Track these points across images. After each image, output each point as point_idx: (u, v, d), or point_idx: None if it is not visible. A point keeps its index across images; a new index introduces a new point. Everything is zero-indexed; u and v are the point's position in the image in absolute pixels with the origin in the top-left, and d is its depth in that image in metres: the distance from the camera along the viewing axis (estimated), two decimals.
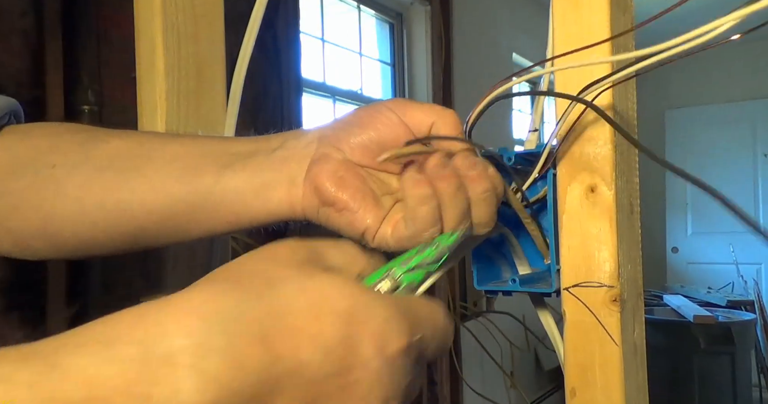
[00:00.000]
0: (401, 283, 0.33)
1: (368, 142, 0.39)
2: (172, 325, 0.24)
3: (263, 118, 1.77)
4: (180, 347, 0.23)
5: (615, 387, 0.41)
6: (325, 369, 0.26)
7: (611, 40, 0.41)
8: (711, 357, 2.89)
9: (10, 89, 1.20)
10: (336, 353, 0.26)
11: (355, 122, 0.40)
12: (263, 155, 0.40)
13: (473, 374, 2.80)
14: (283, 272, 0.28)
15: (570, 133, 0.42)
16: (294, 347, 0.26)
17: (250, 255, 0.31)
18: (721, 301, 3.41)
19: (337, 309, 0.27)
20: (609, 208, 0.42)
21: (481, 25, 3.20)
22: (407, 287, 0.34)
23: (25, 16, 1.22)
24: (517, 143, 3.53)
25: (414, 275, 0.34)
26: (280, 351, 0.25)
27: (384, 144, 0.39)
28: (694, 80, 4.94)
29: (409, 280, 0.34)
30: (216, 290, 0.26)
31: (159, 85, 0.57)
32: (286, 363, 0.25)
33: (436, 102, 2.65)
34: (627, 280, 0.43)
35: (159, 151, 0.43)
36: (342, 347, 0.27)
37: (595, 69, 0.42)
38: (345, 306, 0.27)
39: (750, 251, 4.59)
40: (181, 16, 0.58)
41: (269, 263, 0.29)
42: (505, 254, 0.53)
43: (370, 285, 0.33)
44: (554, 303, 0.48)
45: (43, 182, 0.44)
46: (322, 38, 2.28)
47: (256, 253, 0.31)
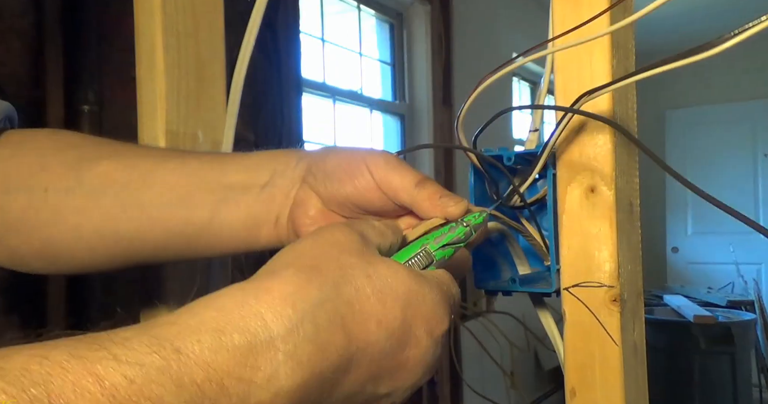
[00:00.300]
0: (435, 258, 0.37)
1: (344, 199, 0.41)
2: (270, 315, 0.27)
3: (263, 118, 1.77)
4: (278, 335, 0.26)
5: (615, 387, 0.41)
6: (387, 347, 0.31)
7: (611, 38, 0.41)
8: (711, 357, 2.89)
9: (10, 89, 1.19)
10: (396, 333, 0.31)
11: (335, 174, 0.41)
12: (254, 193, 0.43)
13: (473, 374, 2.80)
14: (349, 260, 0.32)
15: (570, 133, 0.43)
16: (365, 330, 0.30)
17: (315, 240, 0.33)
18: (721, 301, 3.41)
19: (397, 294, 0.31)
20: (609, 208, 0.42)
21: (481, 25, 3.20)
22: (438, 262, 0.37)
23: (25, 16, 1.22)
24: (517, 143, 3.54)
25: (445, 251, 0.37)
26: (355, 335, 0.29)
27: (358, 203, 0.41)
28: (694, 80, 4.94)
29: (441, 256, 0.37)
30: (301, 279, 0.29)
31: (159, 85, 0.57)
32: (359, 344, 0.29)
33: (436, 102, 2.65)
34: (627, 280, 0.43)
35: (153, 177, 0.44)
36: (401, 328, 0.31)
37: (595, 70, 0.42)
38: (403, 290, 0.32)
39: (750, 251, 4.59)
40: (181, 16, 0.58)
41: (334, 249, 0.32)
42: (505, 254, 0.53)
43: (407, 259, 0.36)
44: (554, 303, 0.48)
45: (40, 205, 0.44)
46: (322, 38, 2.28)
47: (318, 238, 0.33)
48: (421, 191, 0.39)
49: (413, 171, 0.41)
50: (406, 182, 0.40)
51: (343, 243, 0.33)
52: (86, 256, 0.46)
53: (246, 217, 0.43)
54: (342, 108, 2.39)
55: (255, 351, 0.26)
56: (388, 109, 2.65)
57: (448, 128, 2.70)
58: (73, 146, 0.47)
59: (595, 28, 0.39)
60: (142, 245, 0.44)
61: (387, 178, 0.40)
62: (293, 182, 0.43)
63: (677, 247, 5.13)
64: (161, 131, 0.57)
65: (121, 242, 0.44)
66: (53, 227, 0.44)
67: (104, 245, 0.45)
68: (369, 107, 2.55)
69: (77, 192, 0.44)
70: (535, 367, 3.53)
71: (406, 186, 0.40)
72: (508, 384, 3.01)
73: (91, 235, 0.44)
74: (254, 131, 1.73)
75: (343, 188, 0.41)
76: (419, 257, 0.36)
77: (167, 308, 0.57)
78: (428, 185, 0.40)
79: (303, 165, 0.42)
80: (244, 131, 1.68)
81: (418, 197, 0.39)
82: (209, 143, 0.60)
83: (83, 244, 0.45)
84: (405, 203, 0.40)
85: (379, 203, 0.41)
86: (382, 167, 0.40)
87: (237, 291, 0.28)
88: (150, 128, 0.57)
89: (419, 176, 0.40)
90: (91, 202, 0.44)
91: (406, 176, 0.40)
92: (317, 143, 2.24)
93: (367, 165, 0.40)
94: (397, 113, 2.68)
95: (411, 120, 2.71)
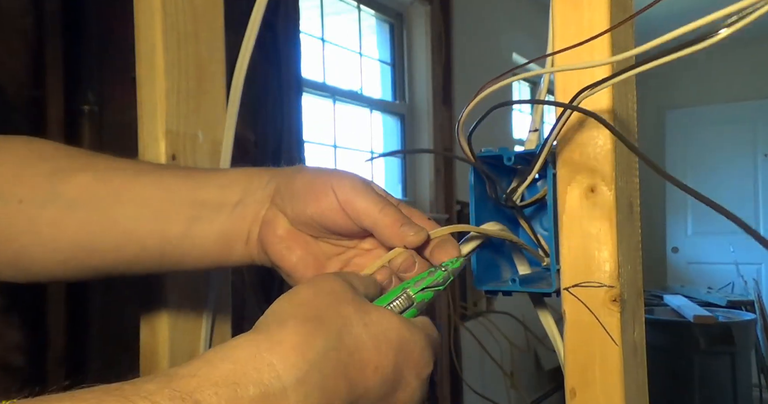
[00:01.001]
0: (415, 301, 0.39)
1: (309, 219, 0.42)
2: (281, 365, 0.29)
3: (263, 118, 1.77)
4: (289, 385, 0.29)
5: (615, 386, 0.41)
6: (382, 392, 0.33)
7: (611, 40, 0.41)
8: (711, 357, 2.89)
9: (10, 89, 1.19)
10: (389, 378, 0.33)
11: (301, 195, 0.42)
12: (226, 212, 0.44)
13: (473, 374, 2.80)
14: (347, 308, 0.34)
15: (570, 132, 0.42)
16: (364, 376, 0.32)
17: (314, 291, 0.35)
18: (721, 301, 3.41)
19: (391, 341, 0.34)
20: (609, 208, 0.42)
21: (481, 25, 3.20)
22: (418, 305, 0.39)
23: (25, 16, 1.22)
24: (517, 143, 3.53)
25: (425, 294, 0.39)
26: (356, 382, 0.32)
27: (322, 224, 0.42)
28: (694, 80, 4.94)
29: (421, 299, 0.39)
30: (308, 329, 0.31)
31: (159, 85, 0.57)
32: (359, 390, 0.32)
33: (436, 102, 2.65)
34: (627, 280, 0.43)
35: (128, 192, 0.44)
36: (393, 373, 0.34)
37: (595, 72, 0.42)
38: (395, 337, 0.34)
39: (750, 251, 4.58)
40: (181, 16, 0.58)
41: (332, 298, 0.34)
42: (505, 255, 0.53)
43: (387, 302, 0.38)
44: (554, 303, 0.48)
45: (15, 215, 0.44)
46: (322, 38, 2.28)
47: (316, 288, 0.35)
48: (383, 218, 0.40)
49: (378, 196, 0.41)
50: (369, 206, 0.41)
51: (339, 293, 0.35)
52: (59, 267, 0.46)
53: (218, 235, 0.44)
54: (342, 108, 2.39)
55: (269, 401, 0.28)
56: (388, 109, 2.65)
57: (448, 128, 2.70)
58: (48, 158, 0.47)
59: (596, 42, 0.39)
60: (115, 258, 0.45)
61: (351, 201, 0.41)
62: (263, 202, 0.44)
63: (677, 247, 5.13)
64: (161, 131, 0.57)
65: (95, 255, 0.45)
66: (27, 238, 0.44)
67: (78, 257, 0.45)
68: (369, 107, 2.55)
69: (52, 205, 0.44)
70: (535, 367, 3.53)
71: (369, 211, 0.41)
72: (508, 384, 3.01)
73: (66, 247, 0.44)
74: (254, 131, 1.73)
75: (309, 209, 0.42)
76: (400, 300, 0.38)
77: (167, 309, 0.57)
78: (391, 212, 0.41)
79: (272, 185, 0.43)
80: (244, 131, 1.68)
81: (380, 223, 0.41)
82: (209, 143, 0.60)
83: (57, 256, 0.45)
84: (367, 227, 0.41)
85: (344, 224, 0.42)
86: (348, 190, 0.41)
87: (250, 344, 0.30)
88: (150, 128, 0.57)
89: (383, 202, 0.41)
90: (66, 215, 0.44)
91: (370, 201, 0.41)
92: (317, 143, 2.24)
93: (333, 187, 0.41)
94: (397, 113, 2.68)
95: (411, 120, 2.71)
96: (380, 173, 2.67)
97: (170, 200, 0.44)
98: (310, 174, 0.43)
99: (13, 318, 1.19)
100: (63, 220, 0.44)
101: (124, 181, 0.45)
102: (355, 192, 0.41)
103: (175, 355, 0.57)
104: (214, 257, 0.45)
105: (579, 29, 0.42)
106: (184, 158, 0.58)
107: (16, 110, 1.20)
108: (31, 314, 1.21)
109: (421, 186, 2.69)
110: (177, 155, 0.57)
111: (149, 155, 0.57)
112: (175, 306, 0.57)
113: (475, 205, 0.49)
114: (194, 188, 0.44)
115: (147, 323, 0.58)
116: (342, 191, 0.41)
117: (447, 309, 2.55)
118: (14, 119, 1.20)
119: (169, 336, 0.57)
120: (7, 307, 1.17)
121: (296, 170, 0.44)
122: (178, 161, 0.57)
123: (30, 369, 1.20)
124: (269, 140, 1.79)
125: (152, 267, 0.46)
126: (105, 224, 0.44)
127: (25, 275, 0.47)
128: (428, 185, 2.66)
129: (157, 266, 0.46)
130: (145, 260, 0.45)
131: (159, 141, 0.57)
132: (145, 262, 0.45)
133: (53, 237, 0.44)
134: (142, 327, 0.58)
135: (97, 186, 0.44)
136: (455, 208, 2.74)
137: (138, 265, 0.46)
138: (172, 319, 0.57)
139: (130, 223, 0.44)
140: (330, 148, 2.32)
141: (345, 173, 0.43)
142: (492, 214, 0.50)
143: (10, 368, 1.18)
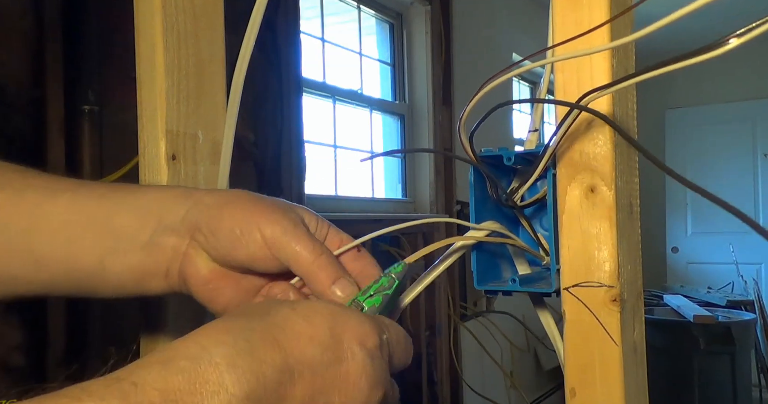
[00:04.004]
0: (364, 306, 0.40)
1: (236, 263, 0.41)
2: (207, 341, 0.30)
3: (263, 118, 1.77)
4: (217, 353, 0.30)
5: (615, 386, 0.41)
6: (324, 360, 0.33)
7: (610, 33, 0.41)
8: (711, 357, 2.89)
9: (10, 89, 1.20)
10: (330, 347, 0.33)
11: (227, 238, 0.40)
12: (141, 244, 0.42)
13: (473, 374, 2.80)
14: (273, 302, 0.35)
15: (570, 133, 0.42)
16: (298, 345, 0.32)
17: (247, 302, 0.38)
18: (721, 301, 3.41)
19: (323, 314, 0.34)
20: (609, 208, 0.42)
21: (481, 25, 3.20)
22: (370, 310, 0.40)
23: (25, 16, 1.22)
24: (517, 143, 3.53)
25: (373, 300, 0.41)
26: (289, 350, 0.32)
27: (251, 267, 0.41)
28: (694, 80, 4.94)
29: (370, 304, 0.41)
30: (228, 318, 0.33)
31: (159, 85, 0.57)
32: (297, 357, 0.32)
33: (436, 102, 2.65)
34: (627, 280, 0.43)
35: (40, 213, 0.42)
36: (332, 342, 0.33)
37: (595, 70, 0.42)
38: (328, 311, 0.34)
39: (750, 251, 4.58)
40: (181, 16, 0.58)
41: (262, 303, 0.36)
42: (505, 255, 0.53)
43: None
44: (554, 303, 0.48)
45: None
46: (322, 38, 2.28)
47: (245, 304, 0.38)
48: (316, 272, 0.40)
49: (309, 242, 0.40)
50: (301, 257, 0.40)
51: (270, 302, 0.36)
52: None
53: (133, 269, 0.42)
54: (342, 108, 2.39)
55: (200, 368, 0.29)
56: (388, 109, 2.65)
57: (448, 128, 2.70)
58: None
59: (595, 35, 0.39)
60: (27, 285, 0.43)
61: (282, 249, 0.39)
62: (181, 237, 0.42)
63: (677, 247, 5.13)
64: (161, 131, 0.57)
65: (8, 281, 0.43)
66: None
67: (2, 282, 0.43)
68: (369, 107, 2.55)
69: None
70: (535, 367, 3.53)
71: (301, 261, 0.40)
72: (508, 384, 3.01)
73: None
74: (254, 131, 1.73)
75: (236, 253, 0.40)
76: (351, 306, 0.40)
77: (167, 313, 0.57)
78: (323, 263, 0.40)
79: (191, 219, 0.41)
80: (244, 131, 1.68)
81: (311, 277, 0.40)
82: (209, 142, 0.60)
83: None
84: (299, 275, 0.41)
85: (274, 266, 0.40)
86: (277, 236, 0.39)
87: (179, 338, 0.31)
88: (150, 128, 0.57)
89: (316, 250, 0.40)
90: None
91: (302, 250, 0.39)
92: (317, 143, 2.24)
93: (262, 232, 0.39)
94: (397, 113, 2.68)
95: (411, 120, 2.71)
96: (380, 174, 2.67)
97: (83, 225, 0.42)
98: (236, 215, 0.40)
99: (13, 318, 1.19)
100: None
101: (37, 201, 0.42)
102: (286, 236, 0.39)
103: None
104: (130, 289, 0.43)
105: (579, 29, 0.42)
106: (184, 158, 0.58)
107: (16, 110, 1.20)
108: (31, 314, 1.21)
109: (421, 186, 2.69)
110: (177, 155, 0.57)
111: (149, 155, 0.57)
112: (175, 308, 0.57)
113: (475, 205, 0.49)
114: (109, 213, 0.42)
115: (147, 327, 0.58)
116: (271, 236, 0.39)
117: (447, 308, 2.55)
118: (14, 119, 1.20)
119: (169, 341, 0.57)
120: (7, 307, 1.17)
121: (220, 204, 0.41)
122: (178, 161, 0.57)
123: (30, 369, 1.20)
124: (269, 140, 1.79)
125: (68, 293, 0.45)
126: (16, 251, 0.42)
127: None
128: (428, 185, 2.66)
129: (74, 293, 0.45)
130: (59, 288, 0.44)
131: (159, 141, 0.57)
132: (59, 290, 0.44)
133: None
134: (143, 331, 0.58)
135: (10, 209, 0.42)
136: (455, 208, 2.74)
137: (54, 292, 0.44)
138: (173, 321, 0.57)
139: (42, 250, 0.42)
140: (330, 148, 2.32)
141: (274, 209, 0.41)
142: (492, 214, 0.50)
143: (10, 368, 1.18)
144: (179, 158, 0.58)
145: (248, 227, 0.40)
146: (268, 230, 0.39)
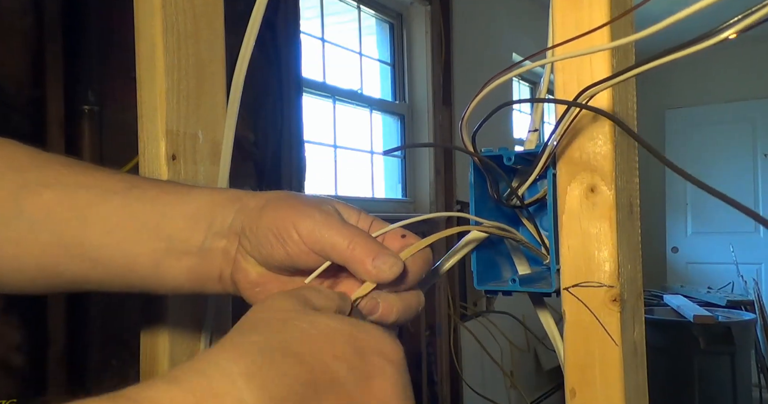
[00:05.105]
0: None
1: (279, 263, 0.41)
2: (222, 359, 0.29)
3: (263, 118, 1.77)
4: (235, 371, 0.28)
5: (615, 386, 0.41)
6: (352, 378, 0.31)
7: (610, 34, 0.41)
8: (711, 357, 2.89)
9: (10, 89, 1.19)
10: (356, 365, 0.32)
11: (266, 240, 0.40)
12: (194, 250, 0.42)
13: (473, 374, 2.80)
14: (288, 315, 0.34)
15: (570, 132, 0.42)
16: (323, 363, 0.31)
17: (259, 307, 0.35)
18: (721, 301, 3.41)
19: (343, 333, 0.33)
20: (609, 208, 0.42)
21: (481, 25, 3.20)
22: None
23: (25, 16, 1.22)
24: (517, 143, 3.53)
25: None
26: (312, 365, 0.30)
27: (295, 266, 0.41)
28: (694, 80, 4.94)
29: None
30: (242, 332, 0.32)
31: (159, 85, 0.57)
32: (322, 374, 0.30)
33: (436, 102, 2.65)
34: (627, 280, 0.43)
35: (93, 214, 0.42)
36: (358, 360, 0.32)
37: (595, 70, 0.42)
38: (347, 330, 0.33)
39: (750, 251, 4.59)
40: (181, 16, 0.58)
41: (275, 312, 0.34)
42: (505, 254, 0.53)
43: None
44: (554, 302, 0.48)
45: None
46: (322, 38, 2.28)
47: (261, 305, 0.35)
48: (352, 253, 0.38)
49: (344, 227, 0.39)
50: (337, 243, 0.39)
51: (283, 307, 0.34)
52: (26, 284, 0.45)
53: (188, 273, 0.43)
54: (342, 108, 2.39)
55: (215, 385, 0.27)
56: (388, 109, 2.65)
57: (448, 128, 2.70)
58: (17, 169, 0.44)
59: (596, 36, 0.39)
60: (84, 282, 0.44)
61: (317, 240, 0.39)
62: (231, 242, 0.42)
63: (677, 247, 5.13)
64: (161, 131, 0.57)
65: (63, 277, 0.44)
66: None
67: (44, 277, 0.44)
68: (369, 107, 2.55)
69: (16, 224, 0.42)
70: (535, 367, 3.53)
71: (337, 248, 0.39)
72: (508, 384, 3.01)
73: (31, 268, 0.43)
74: (254, 131, 1.73)
75: (276, 254, 0.40)
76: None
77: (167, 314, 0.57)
78: (360, 244, 0.39)
79: (238, 224, 0.41)
80: (244, 131, 1.68)
81: (350, 259, 0.39)
82: (209, 142, 0.60)
83: (23, 275, 0.44)
84: (340, 263, 0.39)
85: (316, 262, 0.40)
86: (311, 229, 0.39)
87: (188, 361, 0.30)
88: (150, 128, 0.57)
89: (351, 233, 0.39)
90: (30, 236, 0.42)
91: (336, 235, 0.39)
92: (317, 143, 2.24)
93: (296, 228, 0.39)
94: (397, 113, 2.68)
95: (411, 120, 2.71)
96: (380, 174, 2.67)
97: (136, 228, 0.42)
98: (272, 214, 0.40)
99: (13, 318, 1.19)
100: (27, 240, 0.42)
101: (89, 201, 0.43)
102: (319, 228, 0.39)
103: (174, 361, 0.57)
104: (186, 291, 0.44)
105: (579, 29, 0.42)
106: (184, 158, 0.58)
107: (16, 110, 1.20)
108: (31, 314, 1.21)
109: (421, 186, 2.69)
110: (177, 155, 0.57)
111: (149, 155, 0.57)
112: (175, 310, 0.57)
113: (475, 204, 0.49)
114: (160, 218, 0.43)
115: (147, 327, 0.58)
116: (306, 231, 0.39)
117: (447, 308, 2.55)
118: (14, 119, 1.20)
119: (169, 341, 0.57)
120: (7, 307, 1.17)
121: (261, 205, 0.41)
122: (178, 161, 0.57)
123: (30, 369, 1.20)
124: (269, 140, 1.79)
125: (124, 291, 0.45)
126: (70, 249, 0.42)
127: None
128: (428, 185, 2.66)
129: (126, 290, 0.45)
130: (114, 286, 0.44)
131: (159, 141, 0.57)
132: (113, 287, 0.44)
133: (16, 257, 0.43)
134: (143, 332, 0.58)
135: (62, 207, 0.42)
136: (455, 208, 2.74)
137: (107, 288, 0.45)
138: (173, 322, 0.57)
139: (95, 250, 0.42)
140: (330, 148, 2.32)
141: (306, 205, 0.40)
142: (492, 213, 0.50)
143: (10, 368, 1.18)
144: (179, 158, 0.58)
145: (284, 225, 0.39)
146: (302, 226, 0.39)
